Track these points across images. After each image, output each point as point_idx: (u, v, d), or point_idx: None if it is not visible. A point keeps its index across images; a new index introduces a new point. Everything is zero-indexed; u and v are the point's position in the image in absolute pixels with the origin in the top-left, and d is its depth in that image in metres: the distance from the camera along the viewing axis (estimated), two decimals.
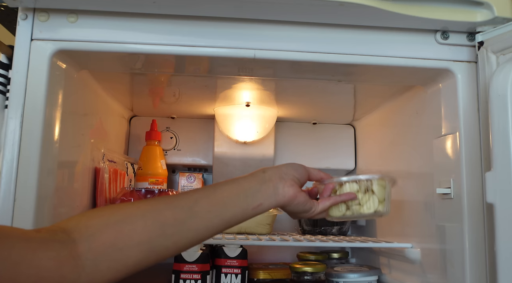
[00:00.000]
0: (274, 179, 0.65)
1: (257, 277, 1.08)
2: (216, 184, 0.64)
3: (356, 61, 0.79)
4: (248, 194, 0.62)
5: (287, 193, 0.64)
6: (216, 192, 0.61)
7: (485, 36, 0.75)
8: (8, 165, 0.70)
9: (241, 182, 0.64)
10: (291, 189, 0.65)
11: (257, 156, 1.27)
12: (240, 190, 0.62)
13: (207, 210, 0.58)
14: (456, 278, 0.78)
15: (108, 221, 0.53)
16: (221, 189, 0.62)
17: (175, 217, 0.56)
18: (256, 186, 0.63)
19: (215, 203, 0.60)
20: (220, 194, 0.61)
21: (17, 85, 0.72)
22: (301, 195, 0.66)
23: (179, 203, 0.58)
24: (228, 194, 0.61)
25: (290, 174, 0.66)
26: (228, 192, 0.62)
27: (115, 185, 1.05)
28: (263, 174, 0.65)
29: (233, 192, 0.62)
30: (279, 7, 0.73)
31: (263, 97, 1.13)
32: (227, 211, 0.60)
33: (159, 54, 0.77)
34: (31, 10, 0.74)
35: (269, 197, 0.63)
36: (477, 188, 0.75)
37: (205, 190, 0.64)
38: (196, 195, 0.60)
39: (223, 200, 0.60)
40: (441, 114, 0.84)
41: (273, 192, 0.64)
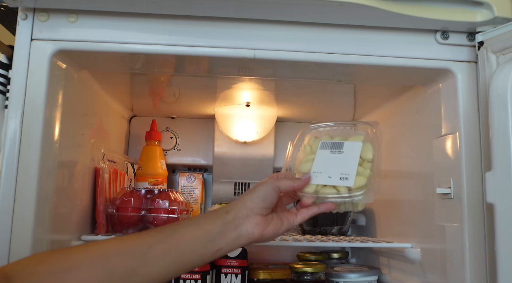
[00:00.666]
0: (236, 221, 0.59)
1: (257, 277, 1.08)
2: (175, 224, 0.60)
3: (356, 61, 0.79)
4: (207, 238, 0.58)
5: (252, 234, 0.60)
6: (173, 236, 0.57)
7: (485, 36, 0.75)
8: (8, 165, 0.70)
9: (202, 224, 0.59)
10: (256, 229, 0.60)
11: (257, 156, 1.27)
12: (199, 234, 0.58)
13: (161, 257, 0.55)
14: (456, 278, 0.78)
15: (53, 268, 0.51)
16: (179, 232, 0.58)
17: (125, 264, 0.53)
18: (217, 229, 0.58)
19: (171, 249, 0.56)
20: (177, 237, 0.57)
21: (17, 85, 0.72)
22: (270, 229, 0.61)
23: (131, 249, 0.54)
24: (186, 238, 0.57)
25: (256, 208, 0.60)
26: (186, 235, 0.57)
27: (115, 185, 1.05)
28: (225, 215, 0.60)
29: (192, 236, 0.58)
30: (279, 7, 0.73)
31: (263, 97, 1.13)
32: (183, 258, 0.57)
33: (159, 54, 0.77)
34: (31, 10, 0.74)
35: (230, 242, 0.59)
36: (477, 188, 0.75)
37: (162, 233, 0.58)
38: (151, 239, 0.56)
39: (180, 245, 0.57)
40: (441, 114, 0.84)
41: (236, 236, 0.59)
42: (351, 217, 1.20)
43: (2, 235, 0.68)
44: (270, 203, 0.62)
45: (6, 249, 0.68)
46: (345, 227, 1.20)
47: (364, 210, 1.27)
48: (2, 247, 0.68)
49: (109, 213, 0.97)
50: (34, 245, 0.70)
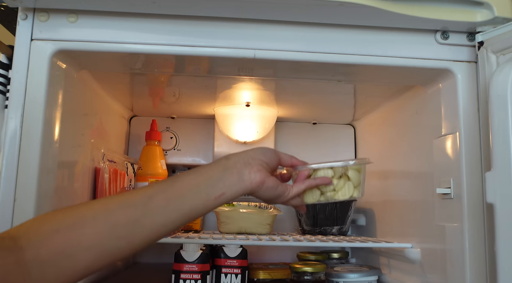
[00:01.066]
0: (238, 165, 0.60)
1: (257, 277, 1.08)
2: (176, 175, 0.61)
3: (356, 61, 0.79)
4: (209, 183, 0.58)
5: (254, 179, 0.60)
6: (174, 184, 0.57)
7: (485, 36, 0.75)
8: (8, 165, 0.70)
9: (202, 171, 0.59)
10: (257, 174, 0.60)
11: None
12: (200, 180, 0.58)
13: (163, 205, 0.55)
14: (456, 278, 0.78)
15: (58, 226, 0.51)
16: (179, 180, 0.58)
17: (128, 216, 0.53)
18: (218, 174, 0.59)
19: (172, 197, 0.56)
20: (178, 186, 0.57)
21: (17, 85, 0.72)
22: (270, 180, 0.62)
23: (132, 201, 0.54)
24: (187, 185, 0.57)
25: (257, 159, 0.62)
26: (187, 183, 0.57)
27: (115, 185, 1.05)
28: (226, 161, 0.61)
29: (193, 182, 0.57)
30: (279, 7, 0.73)
31: (263, 97, 1.13)
32: (185, 204, 0.56)
33: (159, 54, 0.77)
34: (31, 10, 0.74)
35: (232, 185, 0.59)
36: (477, 188, 0.75)
37: (162, 183, 0.58)
38: (151, 190, 0.56)
39: (181, 192, 0.56)
40: (441, 114, 0.84)
41: (237, 180, 0.59)
42: (351, 217, 1.20)
43: None
44: (270, 159, 0.64)
45: None
46: (345, 227, 1.20)
47: (364, 210, 1.27)
48: None
49: None
50: None
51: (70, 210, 0.54)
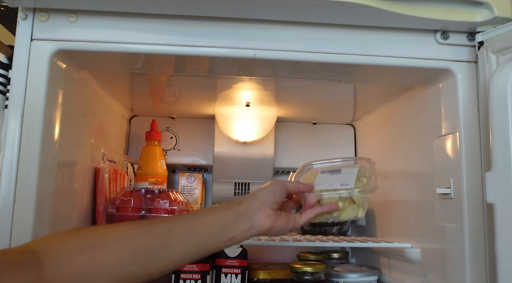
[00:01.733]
0: (249, 211, 0.64)
1: (257, 277, 1.08)
2: (191, 212, 0.64)
3: (356, 61, 0.79)
4: (222, 225, 0.62)
5: (264, 225, 0.64)
6: (191, 221, 0.61)
7: (485, 36, 0.75)
8: (8, 164, 0.70)
9: (217, 213, 0.63)
10: (267, 220, 0.65)
11: (257, 156, 1.27)
12: (215, 221, 0.62)
13: (181, 240, 0.58)
14: (456, 278, 0.78)
15: (81, 245, 0.52)
16: (196, 218, 0.62)
17: (148, 245, 0.55)
18: (232, 218, 0.63)
19: (190, 233, 0.59)
20: (195, 223, 0.60)
21: (17, 85, 0.72)
22: (279, 222, 0.66)
23: (153, 231, 0.57)
24: (203, 224, 0.61)
25: (267, 202, 0.66)
26: (203, 222, 0.61)
27: (115, 185, 1.05)
28: (238, 206, 0.65)
29: (209, 222, 0.61)
30: (279, 7, 0.73)
31: (263, 97, 1.13)
32: (201, 241, 0.60)
33: (159, 54, 0.77)
34: (31, 10, 0.74)
35: (243, 231, 0.63)
36: (477, 188, 0.75)
37: (180, 218, 0.63)
38: (171, 223, 0.59)
39: (199, 229, 0.60)
40: (441, 114, 0.84)
41: (248, 226, 0.63)
42: None
43: (2, 235, 0.68)
44: (280, 198, 0.68)
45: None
46: (345, 227, 1.20)
47: None
48: (2, 247, 0.68)
49: (109, 213, 0.97)
50: None
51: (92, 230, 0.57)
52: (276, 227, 0.66)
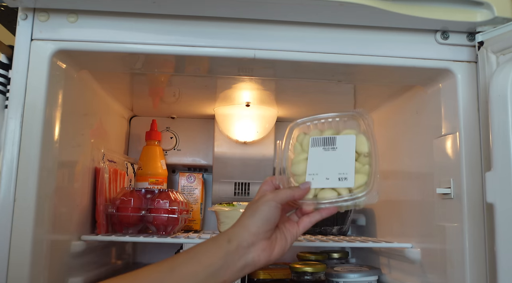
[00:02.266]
0: (241, 249, 0.55)
1: (257, 277, 1.08)
2: (172, 259, 0.55)
3: (356, 61, 0.79)
4: (209, 272, 0.53)
5: (259, 262, 0.56)
6: (172, 273, 0.53)
7: (485, 36, 0.75)
8: (8, 164, 0.70)
9: (201, 258, 0.54)
10: (262, 255, 0.56)
11: (257, 156, 1.27)
12: (199, 269, 0.53)
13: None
14: (456, 278, 0.78)
15: None
16: (177, 269, 0.53)
17: None
18: (219, 262, 0.54)
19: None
20: (176, 276, 0.53)
21: (17, 85, 0.72)
22: (276, 251, 0.58)
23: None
24: (185, 275, 0.53)
25: (261, 233, 0.56)
26: (186, 272, 0.53)
27: (115, 185, 1.05)
28: (227, 245, 0.55)
29: (192, 271, 0.53)
30: (279, 7, 0.73)
31: (263, 97, 1.13)
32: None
33: (159, 54, 0.77)
34: (31, 10, 0.74)
35: (235, 273, 0.55)
36: (477, 188, 0.75)
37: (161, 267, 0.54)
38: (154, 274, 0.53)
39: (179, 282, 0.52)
40: (441, 114, 0.84)
41: (241, 266, 0.55)
42: (351, 217, 1.20)
43: (2, 235, 0.68)
44: (274, 223, 0.58)
45: (6, 249, 0.68)
46: (345, 227, 1.20)
47: (364, 210, 1.27)
48: (2, 247, 0.68)
49: (109, 213, 0.97)
50: (34, 245, 0.70)
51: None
52: (273, 258, 0.57)
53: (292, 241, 0.60)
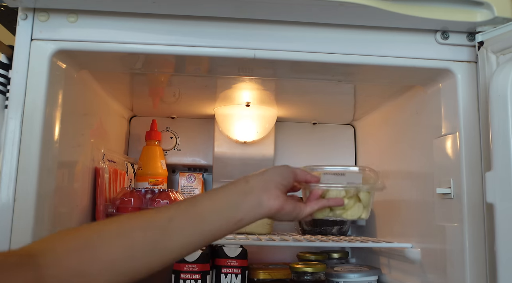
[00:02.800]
0: (256, 190, 0.60)
1: (257, 277, 1.08)
2: (194, 196, 0.60)
3: (356, 61, 0.79)
4: (228, 206, 0.58)
5: (272, 206, 0.61)
6: (194, 206, 0.57)
7: (485, 36, 0.75)
8: (8, 164, 0.70)
9: (221, 195, 0.60)
10: (276, 202, 0.61)
11: (257, 156, 1.27)
12: (220, 203, 0.59)
13: (183, 227, 0.55)
14: (456, 278, 0.78)
15: (73, 246, 0.51)
16: (199, 202, 0.58)
17: (146, 237, 0.53)
18: (237, 199, 0.59)
19: (192, 219, 0.56)
20: (197, 208, 0.57)
21: (17, 85, 0.72)
22: (287, 205, 0.63)
23: (152, 223, 0.54)
24: (206, 208, 0.57)
25: (275, 182, 0.62)
26: (207, 206, 0.58)
27: (115, 185, 1.05)
28: (245, 185, 0.61)
29: (212, 206, 0.58)
30: (279, 7, 0.73)
31: (263, 97, 1.13)
32: (204, 227, 0.56)
33: (159, 54, 0.77)
34: (31, 10, 0.74)
35: (250, 211, 0.59)
36: (477, 188, 0.75)
37: (182, 204, 0.59)
38: (172, 211, 0.56)
39: (202, 215, 0.57)
40: (441, 114, 0.84)
41: (256, 206, 0.60)
42: None
43: (2, 235, 0.68)
44: (288, 182, 0.64)
45: (6, 249, 0.68)
46: (345, 227, 1.20)
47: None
48: (2, 247, 0.68)
49: (109, 213, 0.97)
50: None
51: (88, 228, 0.55)
52: (284, 209, 0.62)
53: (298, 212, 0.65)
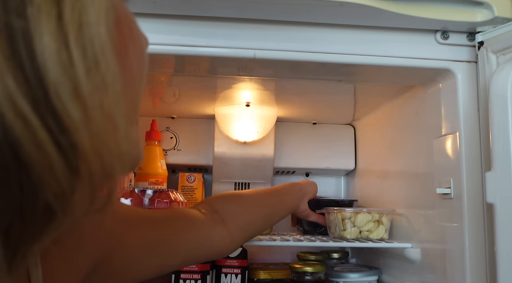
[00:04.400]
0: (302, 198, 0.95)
1: (257, 277, 1.08)
2: (281, 190, 0.90)
3: (356, 61, 0.79)
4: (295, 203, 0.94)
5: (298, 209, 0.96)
6: (282, 196, 0.90)
7: (485, 36, 0.75)
8: None
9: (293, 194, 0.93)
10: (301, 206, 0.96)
11: (257, 156, 1.27)
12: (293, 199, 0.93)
13: (281, 207, 0.87)
14: (456, 278, 0.78)
15: (241, 209, 0.74)
16: (284, 195, 0.91)
17: (266, 210, 0.82)
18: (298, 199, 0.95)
19: (283, 203, 0.89)
20: (284, 198, 0.90)
21: None
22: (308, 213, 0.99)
23: (270, 202, 0.84)
24: (288, 198, 0.91)
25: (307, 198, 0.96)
26: (289, 197, 0.91)
27: None
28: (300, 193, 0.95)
29: (291, 198, 0.92)
30: (279, 7, 0.73)
31: (263, 97, 1.13)
32: (284, 210, 0.90)
33: (159, 54, 0.77)
34: None
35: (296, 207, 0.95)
36: (477, 188, 0.75)
37: (278, 193, 0.90)
38: (276, 198, 0.87)
39: (285, 202, 0.90)
40: (441, 114, 0.84)
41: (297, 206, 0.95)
42: None
43: None
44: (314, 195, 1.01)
45: None
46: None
47: None
48: None
49: None
50: None
51: (239, 197, 0.79)
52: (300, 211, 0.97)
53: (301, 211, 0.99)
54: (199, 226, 0.63)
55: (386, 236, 1.01)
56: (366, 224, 1.00)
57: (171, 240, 0.58)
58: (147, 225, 0.57)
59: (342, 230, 1.01)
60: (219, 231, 0.66)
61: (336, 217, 1.01)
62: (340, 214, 1.01)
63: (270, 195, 0.85)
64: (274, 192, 0.88)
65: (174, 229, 0.60)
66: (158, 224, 0.58)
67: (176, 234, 0.59)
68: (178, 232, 0.60)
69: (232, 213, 0.71)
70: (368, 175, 1.28)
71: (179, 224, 0.61)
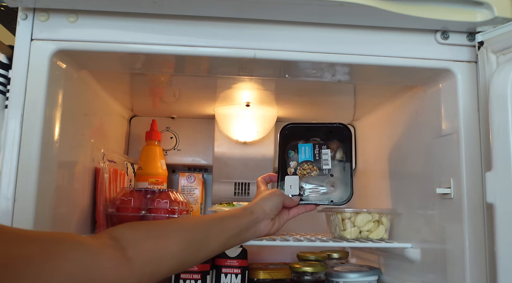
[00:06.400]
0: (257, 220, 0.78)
1: (257, 277, 1.08)
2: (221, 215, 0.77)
3: (356, 61, 0.79)
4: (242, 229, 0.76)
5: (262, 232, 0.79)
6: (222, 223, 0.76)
7: (485, 36, 0.75)
8: (8, 164, 0.70)
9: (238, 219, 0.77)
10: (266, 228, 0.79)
11: (257, 156, 1.27)
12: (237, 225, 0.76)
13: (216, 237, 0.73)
14: (456, 278, 0.78)
15: (149, 234, 0.65)
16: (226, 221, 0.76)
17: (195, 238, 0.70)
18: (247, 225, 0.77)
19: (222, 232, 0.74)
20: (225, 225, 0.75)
21: (17, 85, 0.72)
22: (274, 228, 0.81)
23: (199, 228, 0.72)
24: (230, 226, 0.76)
25: (271, 215, 0.79)
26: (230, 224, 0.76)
27: (115, 185, 1.05)
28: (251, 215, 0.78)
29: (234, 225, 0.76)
30: (279, 7, 0.73)
31: (263, 97, 1.13)
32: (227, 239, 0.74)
33: (159, 54, 0.77)
34: (31, 10, 0.74)
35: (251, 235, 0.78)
36: (477, 188, 0.75)
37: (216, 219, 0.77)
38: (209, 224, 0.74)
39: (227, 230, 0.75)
40: (441, 114, 0.84)
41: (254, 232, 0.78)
42: None
43: None
44: (278, 211, 0.81)
45: None
46: None
47: None
48: None
49: (109, 213, 0.97)
50: None
51: (155, 224, 0.71)
52: (271, 232, 0.80)
53: (283, 223, 0.83)
54: (83, 251, 0.55)
55: (386, 236, 1.01)
56: (366, 224, 1.00)
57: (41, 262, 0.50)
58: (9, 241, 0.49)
59: (342, 230, 1.01)
60: (113, 257, 0.57)
61: (336, 217, 1.01)
62: (340, 214, 1.00)
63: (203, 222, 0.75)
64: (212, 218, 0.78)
65: (47, 250, 0.52)
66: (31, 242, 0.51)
67: (49, 256, 0.51)
68: (54, 255, 0.52)
69: (134, 240, 0.62)
70: (368, 174, 1.28)
71: (57, 247, 0.53)
